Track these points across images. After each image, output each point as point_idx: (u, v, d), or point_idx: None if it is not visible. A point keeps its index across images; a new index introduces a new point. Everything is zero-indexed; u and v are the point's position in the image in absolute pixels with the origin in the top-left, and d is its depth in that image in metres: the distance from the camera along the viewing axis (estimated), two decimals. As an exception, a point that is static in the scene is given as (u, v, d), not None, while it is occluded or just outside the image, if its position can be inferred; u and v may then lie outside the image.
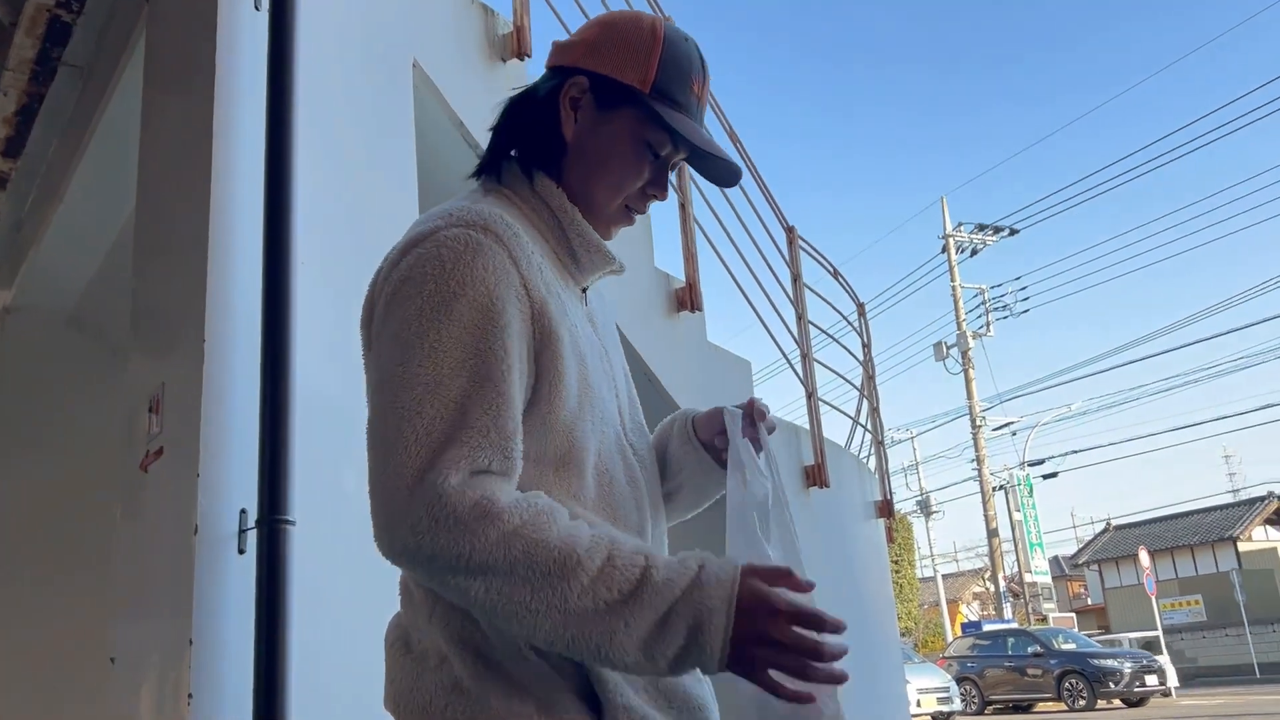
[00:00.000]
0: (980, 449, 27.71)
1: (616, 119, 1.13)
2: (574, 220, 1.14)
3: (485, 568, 0.91)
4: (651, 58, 1.12)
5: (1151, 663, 18.32)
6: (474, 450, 0.94)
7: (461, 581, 0.93)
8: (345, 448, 2.26)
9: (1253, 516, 29.05)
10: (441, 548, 0.91)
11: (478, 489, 0.93)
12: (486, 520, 0.91)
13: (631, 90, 1.12)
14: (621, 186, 1.15)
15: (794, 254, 5.64)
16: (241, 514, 1.97)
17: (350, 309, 2.36)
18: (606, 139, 1.14)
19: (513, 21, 3.51)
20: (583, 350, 1.10)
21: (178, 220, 2.33)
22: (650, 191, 1.18)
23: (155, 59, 2.73)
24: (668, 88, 1.12)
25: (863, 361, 6.68)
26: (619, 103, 1.13)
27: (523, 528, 0.92)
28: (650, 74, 1.11)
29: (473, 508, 0.91)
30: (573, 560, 0.91)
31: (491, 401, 0.97)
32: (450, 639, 1.01)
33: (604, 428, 1.12)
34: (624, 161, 1.14)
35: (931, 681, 16.45)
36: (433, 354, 0.97)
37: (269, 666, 1.84)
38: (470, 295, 0.98)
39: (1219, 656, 25.67)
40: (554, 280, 1.09)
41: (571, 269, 1.17)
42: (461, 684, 0.99)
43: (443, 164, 3.21)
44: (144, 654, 2.09)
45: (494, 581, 0.91)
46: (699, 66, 1.16)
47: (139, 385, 2.34)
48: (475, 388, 0.96)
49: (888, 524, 6.49)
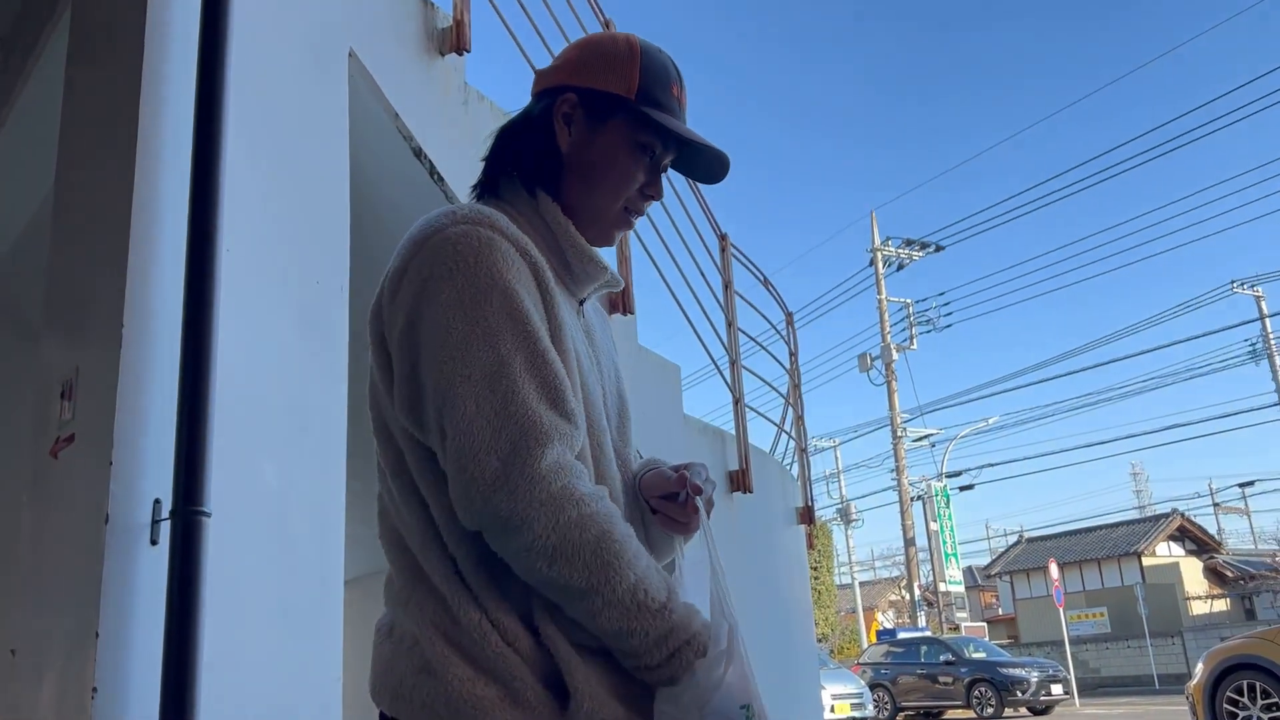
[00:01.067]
0: (900, 459, 28.24)
1: (609, 128, 1.20)
2: (567, 232, 1.20)
3: (561, 545, 0.99)
4: (633, 67, 1.19)
5: (1057, 672, 18.84)
6: (553, 426, 1.02)
7: (534, 557, 1.00)
8: (264, 439, 2.22)
9: (1157, 532, 30.07)
10: (529, 520, 0.99)
11: (565, 472, 1.01)
12: (571, 502, 1.00)
13: (619, 98, 1.19)
14: (620, 190, 1.21)
15: (726, 261, 5.69)
16: (155, 504, 1.92)
17: (276, 296, 2.33)
18: (601, 147, 1.20)
19: (453, 16, 3.49)
20: (579, 350, 1.15)
21: (99, 201, 2.26)
22: (648, 192, 1.24)
23: (80, 33, 2.65)
24: (652, 92, 1.19)
25: (789, 370, 6.76)
26: (609, 112, 1.20)
27: (597, 515, 1.01)
28: (634, 82, 1.19)
29: (562, 489, 1.00)
30: (625, 561, 1.01)
31: (553, 375, 1.05)
32: (423, 624, 1.07)
33: (600, 435, 1.16)
34: (621, 166, 1.20)
35: (846, 687, 16.67)
36: (488, 339, 1.03)
37: (178, 662, 1.79)
38: (500, 286, 1.05)
39: (1121, 667, 26.49)
40: (555, 285, 1.15)
41: (567, 280, 1.22)
42: (430, 666, 1.04)
43: (376, 155, 3.17)
44: (47, 646, 2.03)
45: (560, 559, 0.99)
46: (675, 73, 1.24)
47: (51, 369, 2.27)
48: (535, 367, 1.04)
49: (808, 530, 6.58)
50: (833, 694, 15.52)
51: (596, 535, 1.00)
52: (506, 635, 1.04)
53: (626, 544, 1.02)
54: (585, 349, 1.20)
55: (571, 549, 0.99)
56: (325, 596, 2.28)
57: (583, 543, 0.99)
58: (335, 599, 2.31)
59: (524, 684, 1.02)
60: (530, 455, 1.00)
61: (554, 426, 1.02)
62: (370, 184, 3.18)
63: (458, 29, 3.46)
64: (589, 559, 0.99)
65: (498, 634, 1.04)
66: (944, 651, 19.84)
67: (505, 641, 1.03)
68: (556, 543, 0.99)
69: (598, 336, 1.29)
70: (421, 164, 3.26)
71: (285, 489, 2.21)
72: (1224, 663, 9.02)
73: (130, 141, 2.11)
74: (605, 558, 1.00)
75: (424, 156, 3.24)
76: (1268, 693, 8.62)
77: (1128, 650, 26.51)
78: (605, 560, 0.99)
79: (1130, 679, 25.69)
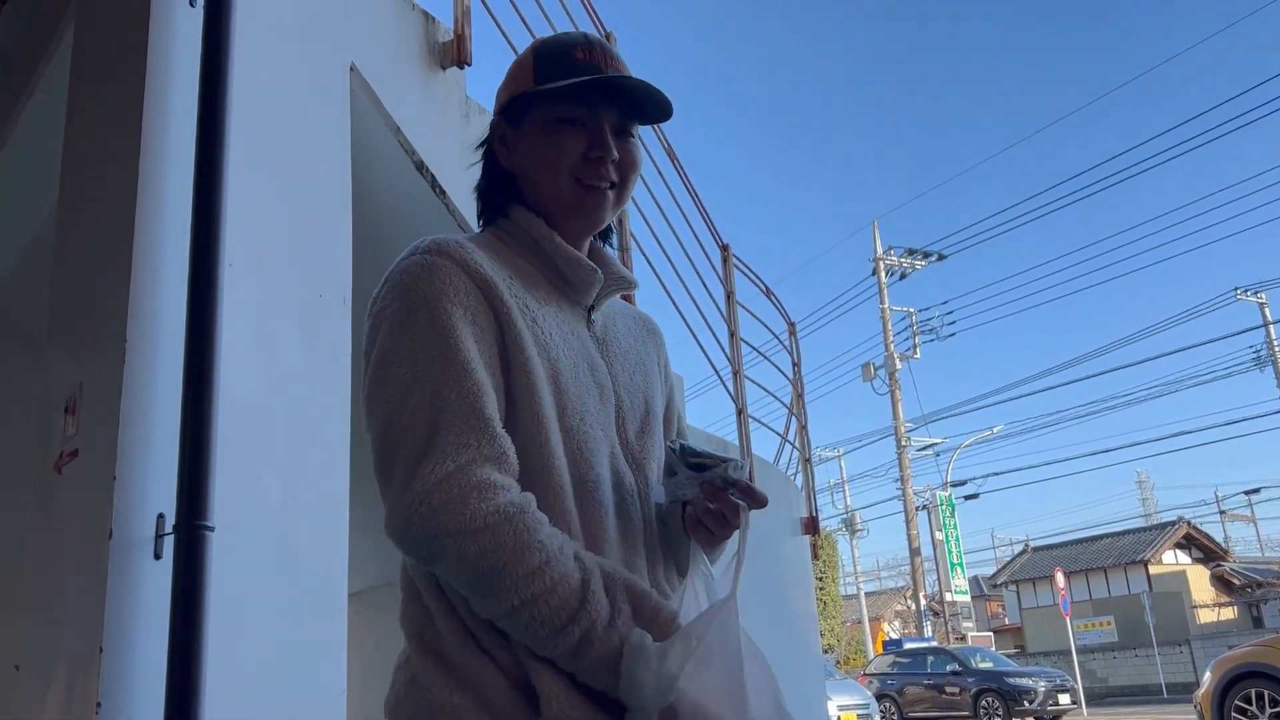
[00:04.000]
0: (904, 469, 28.19)
1: (527, 125, 1.24)
2: (552, 241, 1.23)
3: (464, 553, 0.99)
4: (528, 66, 1.25)
5: (1065, 682, 18.76)
6: (459, 438, 1.02)
7: (447, 563, 1.01)
8: (267, 452, 2.22)
9: (1164, 541, 29.96)
10: (431, 532, 1.00)
11: (466, 476, 1.01)
12: (473, 507, 0.99)
13: (524, 94, 1.23)
14: (557, 166, 1.22)
15: (728, 272, 5.69)
16: (159, 519, 1.92)
17: (278, 310, 2.34)
18: (528, 143, 1.24)
19: (453, 29, 3.50)
20: (557, 359, 1.15)
21: (102, 218, 2.27)
22: (592, 155, 1.22)
23: (83, 52, 2.66)
24: (548, 70, 1.22)
25: (792, 380, 6.76)
26: (523, 111, 1.24)
27: (503, 523, 1.00)
28: (530, 74, 1.24)
29: (456, 497, 1.00)
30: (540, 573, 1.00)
31: (470, 391, 1.05)
32: (412, 636, 1.11)
33: (586, 436, 1.15)
34: (545, 145, 1.22)
35: (852, 698, 16.60)
36: (406, 358, 1.07)
37: (182, 676, 1.79)
38: (430, 305, 1.08)
39: (1129, 676, 26.39)
40: (528, 296, 1.17)
41: (565, 290, 1.25)
42: (416, 676, 1.08)
43: (377, 169, 3.18)
44: (51, 661, 2.03)
45: (468, 565, 1.00)
46: (580, 38, 1.26)
47: (55, 385, 2.28)
48: (452, 381, 1.05)
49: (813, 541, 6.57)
50: (839, 705, 15.45)
51: (481, 549, 0.99)
52: (483, 643, 1.05)
53: (521, 552, 1.00)
54: (581, 353, 1.20)
55: (468, 561, 1.00)
56: (329, 610, 2.28)
57: (478, 553, 0.99)
58: (339, 612, 2.30)
59: (496, 690, 1.03)
60: (419, 472, 1.01)
61: (458, 440, 1.02)
62: (372, 197, 3.19)
63: (458, 42, 3.47)
64: (484, 570, 0.99)
65: (474, 641, 1.05)
66: (950, 661, 19.77)
67: (481, 649, 1.05)
68: (458, 558, 1.00)
69: (620, 341, 1.30)
70: (423, 177, 3.26)
71: (289, 502, 2.21)
72: (1232, 671, 8.98)
73: (133, 158, 2.12)
74: (497, 563, 0.99)
75: (426, 170, 3.24)
76: (1276, 701, 8.58)
77: (1135, 659, 26.41)
78: (498, 566, 0.99)
79: (1138, 688, 25.58)
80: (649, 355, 1.38)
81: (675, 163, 5.04)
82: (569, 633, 1.00)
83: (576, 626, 1.00)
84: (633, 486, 1.21)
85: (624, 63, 1.25)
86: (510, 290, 1.14)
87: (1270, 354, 28.31)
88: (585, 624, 1.00)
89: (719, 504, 1.18)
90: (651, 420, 1.29)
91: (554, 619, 0.99)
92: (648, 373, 1.34)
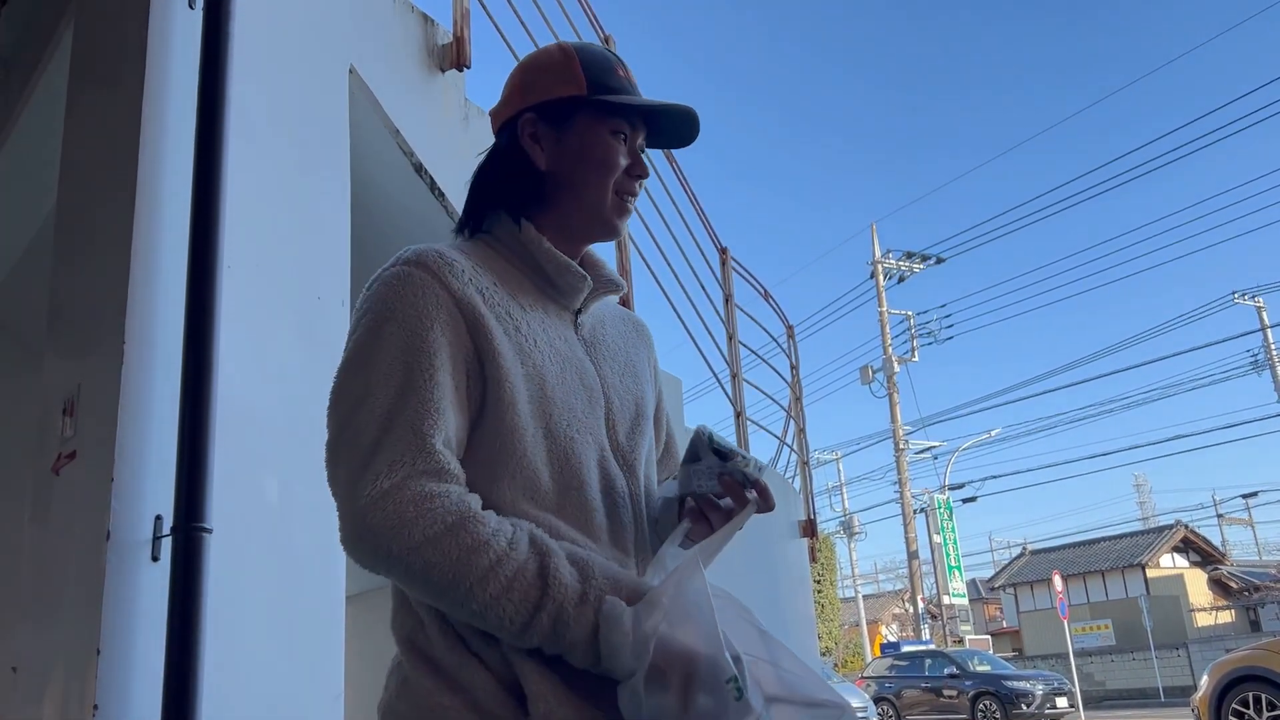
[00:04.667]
0: (902, 472, 28.17)
1: (576, 128, 1.24)
2: (542, 247, 1.23)
3: (411, 571, 1.01)
4: (574, 67, 1.23)
5: (1062, 685, 18.75)
6: (396, 456, 1.03)
7: (400, 580, 1.03)
8: (266, 455, 2.22)
9: (1161, 544, 29.96)
10: (375, 553, 1.01)
11: (401, 493, 1.01)
12: (411, 523, 1.00)
13: (575, 98, 1.22)
14: (607, 179, 1.24)
15: (726, 275, 5.70)
16: (156, 520, 1.92)
17: (277, 312, 2.34)
18: (576, 148, 1.23)
19: (453, 32, 3.50)
20: (541, 365, 1.16)
21: (101, 219, 2.27)
22: (635, 173, 1.26)
23: (82, 54, 2.66)
24: (601, 80, 1.23)
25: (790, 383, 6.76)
26: (571, 114, 1.23)
27: (445, 532, 1.00)
28: (582, 79, 1.22)
29: (392, 515, 1.00)
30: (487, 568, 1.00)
31: (415, 409, 1.05)
32: (402, 641, 1.12)
33: (573, 441, 1.16)
34: (601, 155, 1.23)
35: (850, 701, 16.59)
36: (364, 370, 1.08)
37: (179, 678, 1.79)
38: (397, 318, 1.09)
39: (1126, 679, 26.36)
40: (512, 303, 1.18)
41: (552, 294, 1.24)
42: (409, 680, 1.09)
43: (376, 171, 3.18)
44: (48, 663, 2.03)
45: (418, 580, 1.01)
46: (615, 58, 1.28)
47: (53, 386, 2.28)
48: (400, 398, 1.05)
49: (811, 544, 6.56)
50: (837, 708, 15.42)
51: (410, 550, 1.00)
52: (471, 645, 1.06)
53: (468, 551, 1.00)
54: (565, 356, 1.20)
55: (419, 577, 1.01)
56: (327, 612, 2.28)
57: (418, 555, 1.00)
58: (337, 615, 2.30)
59: (485, 693, 1.04)
60: (355, 491, 1.03)
61: (392, 459, 1.03)
62: (371, 200, 3.19)
63: (458, 45, 3.48)
64: (436, 582, 1.00)
65: (463, 644, 1.06)
66: (948, 665, 19.76)
67: (470, 651, 1.06)
68: (406, 576, 1.02)
69: (609, 343, 1.31)
70: (422, 179, 3.27)
71: (286, 505, 2.21)
72: (1229, 674, 8.99)
73: (131, 160, 2.12)
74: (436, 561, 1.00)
75: (425, 172, 3.25)
76: (1273, 704, 8.58)
77: (1133, 662, 26.39)
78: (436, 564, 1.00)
79: (1135, 691, 25.57)
80: (639, 357, 1.38)
81: (674, 166, 5.04)
82: (539, 621, 1.00)
83: (544, 614, 1.00)
84: (624, 489, 1.21)
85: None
86: (491, 299, 1.15)
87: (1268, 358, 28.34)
88: (553, 609, 1.00)
89: (733, 498, 1.17)
90: (642, 421, 1.29)
91: (520, 613, 0.99)
92: (638, 374, 1.34)
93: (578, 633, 1.00)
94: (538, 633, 1.00)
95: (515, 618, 0.99)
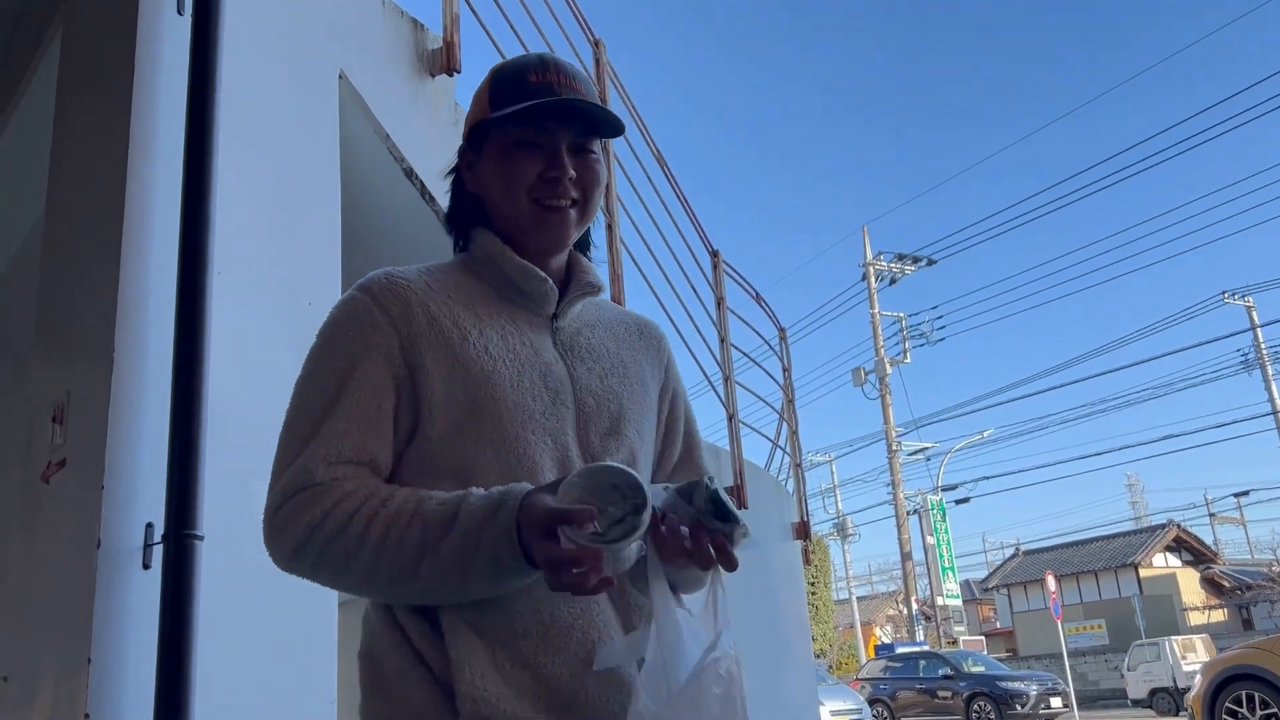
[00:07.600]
0: (895, 473, 28.22)
1: (486, 150, 1.30)
2: (504, 255, 1.28)
3: (317, 573, 1.13)
4: (485, 93, 1.30)
5: (1056, 685, 18.80)
6: (304, 470, 1.13)
7: (312, 578, 1.14)
8: (257, 461, 2.21)
9: (1153, 544, 30.07)
10: (280, 559, 1.13)
11: (289, 506, 1.12)
12: (291, 534, 1.11)
13: (483, 123, 1.28)
14: (515, 188, 1.27)
15: (718, 278, 5.70)
16: (147, 528, 1.92)
17: (267, 318, 2.33)
18: (488, 168, 1.30)
19: (442, 37, 3.50)
20: (492, 370, 1.20)
21: (90, 226, 2.27)
22: (548, 175, 1.26)
23: (71, 58, 2.66)
24: (503, 96, 1.27)
25: (783, 385, 6.77)
26: (483, 139, 1.30)
27: (341, 515, 1.09)
28: (485, 101, 1.29)
29: (280, 526, 1.12)
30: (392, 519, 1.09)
31: (339, 419, 1.15)
32: (359, 654, 1.19)
33: (527, 443, 1.19)
34: (504, 169, 1.28)
35: (844, 703, 16.59)
36: (303, 389, 1.21)
37: (171, 686, 1.79)
38: (335, 342, 1.21)
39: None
40: (467, 314, 1.24)
41: (522, 302, 1.29)
42: (362, 683, 1.17)
43: (367, 176, 3.18)
44: (39, 672, 2.02)
45: (326, 575, 1.13)
46: (535, 61, 1.31)
47: (43, 394, 2.27)
48: (326, 412, 1.16)
49: (804, 546, 6.58)
50: (831, 710, 15.44)
51: (335, 535, 1.09)
52: (415, 643, 1.12)
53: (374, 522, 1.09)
54: (516, 362, 1.22)
55: (324, 574, 1.12)
56: (319, 620, 2.27)
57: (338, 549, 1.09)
58: (329, 622, 2.30)
59: (414, 690, 1.10)
60: (268, 501, 1.15)
61: (296, 473, 1.13)
62: (361, 205, 3.18)
63: (448, 50, 3.48)
64: (337, 570, 1.11)
65: (409, 645, 1.13)
66: (942, 666, 19.79)
67: (413, 649, 1.12)
68: (313, 575, 1.13)
69: (594, 346, 1.33)
70: (413, 184, 3.26)
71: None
72: (1222, 673, 9.02)
73: (121, 165, 2.11)
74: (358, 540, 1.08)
75: (415, 178, 3.24)
76: (1266, 703, 8.62)
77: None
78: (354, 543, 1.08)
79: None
80: (639, 360, 1.38)
81: (665, 169, 5.05)
82: (450, 539, 1.05)
83: (454, 529, 1.05)
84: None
85: (583, 79, 1.29)
86: (438, 314, 1.21)
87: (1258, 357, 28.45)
88: (449, 515, 1.06)
89: (697, 553, 1.11)
90: (623, 423, 1.30)
91: (426, 543, 1.06)
92: (629, 376, 1.34)
93: (498, 525, 1.04)
94: (463, 552, 1.04)
95: (425, 548, 1.05)
